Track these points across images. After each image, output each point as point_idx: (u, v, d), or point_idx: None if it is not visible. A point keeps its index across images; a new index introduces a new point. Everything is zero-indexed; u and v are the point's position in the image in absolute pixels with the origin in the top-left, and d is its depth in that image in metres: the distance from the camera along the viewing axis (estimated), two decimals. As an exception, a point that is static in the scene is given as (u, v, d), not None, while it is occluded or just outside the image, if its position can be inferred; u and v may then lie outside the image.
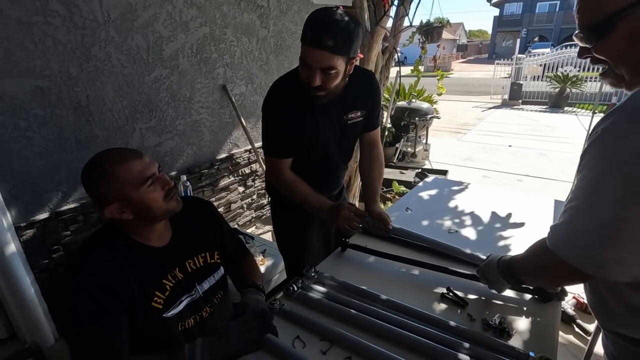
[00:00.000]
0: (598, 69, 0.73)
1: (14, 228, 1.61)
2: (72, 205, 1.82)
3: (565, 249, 0.65)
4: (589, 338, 1.72)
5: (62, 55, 1.66)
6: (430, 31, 3.14)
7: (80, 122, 1.78)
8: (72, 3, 1.65)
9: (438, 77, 3.63)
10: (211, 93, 2.43)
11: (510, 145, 5.61)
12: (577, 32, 0.66)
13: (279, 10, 2.80)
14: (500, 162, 4.88)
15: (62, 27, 1.64)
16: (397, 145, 4.40)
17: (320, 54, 1.01)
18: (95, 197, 0.84)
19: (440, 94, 3.97)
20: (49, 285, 1.77)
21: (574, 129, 6.61)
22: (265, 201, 3.10)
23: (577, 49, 0.71)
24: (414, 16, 2.12)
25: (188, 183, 2.18)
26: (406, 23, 2.36)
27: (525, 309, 0.99)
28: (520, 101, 9.44)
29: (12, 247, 1.60)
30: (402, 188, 3.24)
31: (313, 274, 1.16)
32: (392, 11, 2.30)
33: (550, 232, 0.69)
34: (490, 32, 37.65)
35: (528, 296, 1.03)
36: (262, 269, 1.88)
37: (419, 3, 2.16)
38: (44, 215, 1.72)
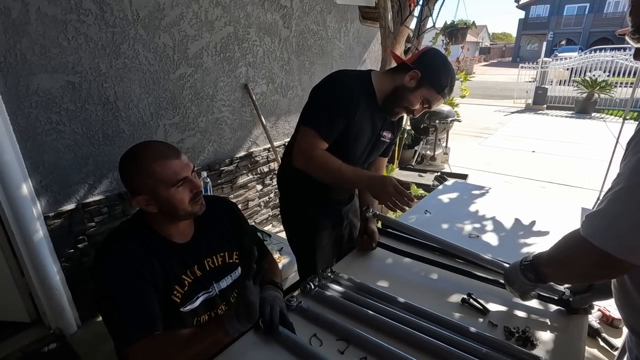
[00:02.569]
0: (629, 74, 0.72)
1: (43, 217, 1.68)
2: (97, 198, 1.88)
3: (598, 233, 0.63)
4: (615, 353, 1.65)
5: (93, 52, 1.72)
6: (455, 32, 3.09)
7: (107, 117, 1.84)
8: (104, 2, 1.71)
9: (461, 80, 3.56)
10: (233, 91, 2.46)
11: (533, 151, 5.45)
12: (630, 32, 0.65)
13: (301, 10, 2.81)
14: (523, 168, 4.74)
15: (94, 25, 1.70)
16: (415, 147, 4.35)
17: (441, 102, 1.22)
18: (128, 185, 0.87)
19: (463, 96, 3.89)
20: (74, 274, 1.84)
21: (601, 136, 6.36)
22: (282, 200, 3.12)
23: (608, 52, 0.70)
24: (437, 17, 2.09)
25: (208, 179, 2.22)
26: (429, 24, 2.32)
27: (549, 320, 0.96)
28: (544, 106, 9.15)
29: (41, 236, 1.67)
30: (421, 191, 3.20)
31: (329, 274, 1.15)
32: (416, 11, 2.27)
33: (585, 219, 0.68)
34: (514, 34, 36.73)
35: (553, 307, 1.00)
36: (279, 266, 1.88)
37: (442, 3, 2.13)
38: (70, 206, 1.79)
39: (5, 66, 1.48)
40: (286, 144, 2.96)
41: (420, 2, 2.14)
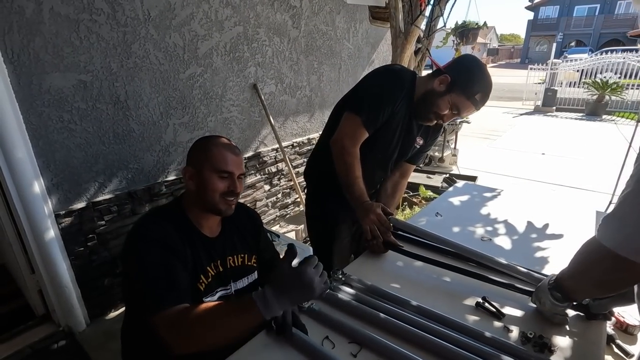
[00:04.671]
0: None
1: (54, 215, 1.69)
2: (107, 196, 1.88)
3: (609, 235, 0.64)
4: (630, 361, 1.61)
5: (104, 51, 1.73)
6: (466, 33, 3.06)
7: (118, 116, 1.85)
8: (115, 1, 1.72)
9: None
10: (242, 91, 2.46)
11: (543, 153, 5.38)
12: None
13: (311, 10, 2.81)
14: (532, 170, 4.68)
15: (105, 25, 1.71)
16: (423, 149, 4.33)
17: (472, 111, 1.19)
18: (188, 155, 0.99)
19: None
20: (83, 272, 1.85)
21: (612, 138, 6.26)
22: (289, 200, 3.12)
23: (619, 54, 0.69)
24: (448, 17, 2.07)
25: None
26: (440, 24, 2.30)
27: (567, 325, 0.94)
28: (554, 108, 9.05)
29: (52, 234, 1.68)
30: (429, 193, 3.17)
31: (340, 276, 1.14)
32: (427, 11, 2.25)
33: (600, 222, 0.68)
34: (523, 36, 36.42)
35: (571, 312, 0.97)
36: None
37: (454, 3, 2.11)
38: (81, 205, 1.80)
39: (19, 65, 1.49)
40: (294, 143, 2.97)
41: (432, 2, 2.12)
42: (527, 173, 4.56)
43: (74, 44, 1.63)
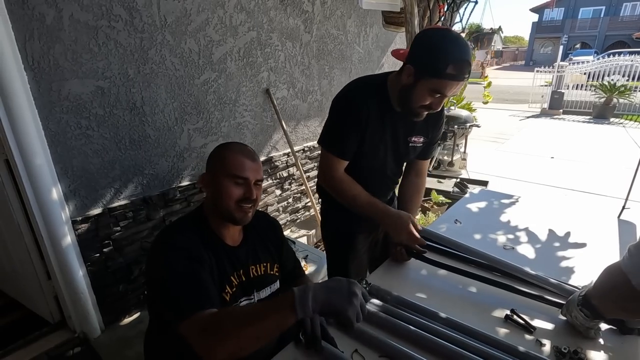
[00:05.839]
0: None
1: (70, 222, 1.69)
2: (123, 202, 1.88)
3: (631, 268, 0.65)
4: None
5: (122, 57, 1.73)
6: (481, 37, 3.05)
7: (134, 122, 1.85)
8: (133, 8, 1.72)
9: (485, 85, 3.49)
10: (255, 96, 2.46)
11: (552, 157, 5.34)
12: None
13: (322, 15, 2.81)
14: (542, 174, 4.64)
15: (123, 31, 1.71)
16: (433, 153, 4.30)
17: (458, 85, 1.03)
18: (206, 163, 0.99)
19: (486, 102, 3.81)
20: (99, 278, 1.84)
21: (621, 142, 6.22)
22: (300, 205, 3.11)
23: (627, 57, 0.69)
24: (467, 22, 2.06)
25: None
26: (456, 28, 2.29)
27: (602, 340, 0.92)
28: (561, 111, 9.00)
29: (68, 240, 1.68)
30: (441, 198, 3.15)
31: (364, 286, 1.13)
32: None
33: (626, 252, 0.69)
34: (526, 38, 36.32)
35: (605, 326, 0.95)
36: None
37: (473, 8, 2.10)
38: (97, 211, 1.80)
39: (39, 72, 1.50)
40: (305, 148, 2.96)
41: (446, 8, 2.11)
42: (537, 177, 4.53)
43: (93, 51, 1.63)
